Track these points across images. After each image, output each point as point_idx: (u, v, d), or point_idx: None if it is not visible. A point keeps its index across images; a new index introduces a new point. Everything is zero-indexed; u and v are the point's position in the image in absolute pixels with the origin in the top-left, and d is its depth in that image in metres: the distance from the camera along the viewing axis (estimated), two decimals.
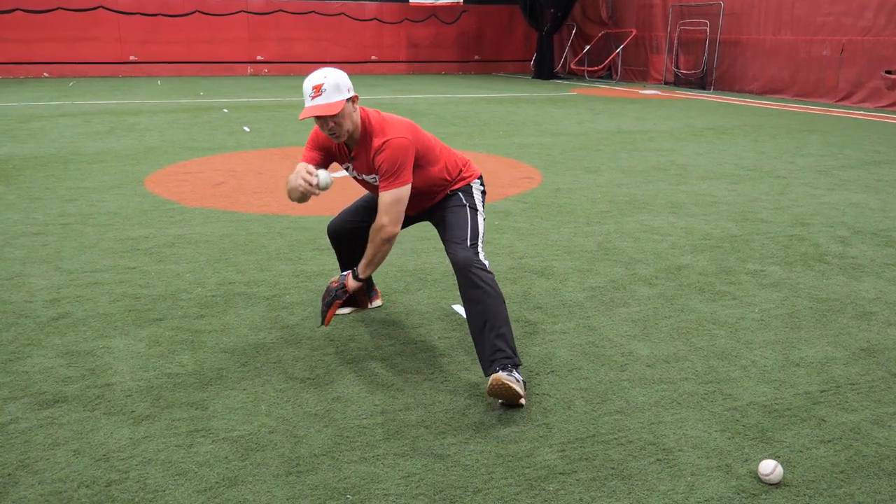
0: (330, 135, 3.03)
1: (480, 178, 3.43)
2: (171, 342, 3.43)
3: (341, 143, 3.18)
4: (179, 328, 3.59)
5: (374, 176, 3.17)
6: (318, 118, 2.99)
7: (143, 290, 4.12)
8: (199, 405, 2.85)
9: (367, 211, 3.49)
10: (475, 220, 3.21)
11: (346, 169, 3.31)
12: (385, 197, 3.02)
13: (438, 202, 3.32)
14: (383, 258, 3.12)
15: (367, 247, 3.11)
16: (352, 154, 3.17)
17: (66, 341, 3.42)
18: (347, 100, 2.97)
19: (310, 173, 3.05)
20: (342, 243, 3.60)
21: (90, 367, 3.16)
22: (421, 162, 3.15)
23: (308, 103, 2.96)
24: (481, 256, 3.07)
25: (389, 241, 3.05)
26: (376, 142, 3.05)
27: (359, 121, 3.07)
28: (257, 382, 3.05)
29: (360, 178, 3.28)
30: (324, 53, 25.85)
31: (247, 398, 2.91)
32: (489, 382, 2.78)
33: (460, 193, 3.30)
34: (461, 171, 3.35)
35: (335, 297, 3.18)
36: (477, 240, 3.14)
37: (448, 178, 3.29)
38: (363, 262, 3.12)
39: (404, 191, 3.04)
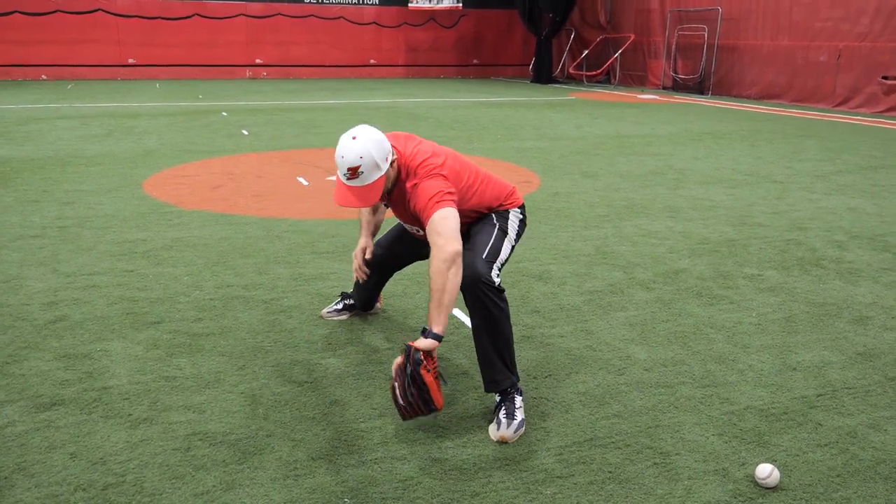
0: None
1: (522, 206, 3.14)
2: (168, 345, 3.43)
3: None
4: (177, 331, 3.59)
5: (410, 223, 3.03)
6: None
7: (140, 293, 4.12)
8: (196, 408, 2.85)
9: (395, 243, 3.39)
10: (500, 241, 2.93)
11: (385, 204, 3.16)
12: (429, 225, 2.68)
13: (471, 223, 3.06)
14: (453, 292, 2.58)
15: (430, 290, 2.60)
16: (387, 201, 3.00)
17: (63, 344, 3.42)
18: (388, 167, 2.75)
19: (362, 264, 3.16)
20: (373, 273, 3.48)
21: (87, 371, 3.16)
22: (461, 196, 2.88)
23: (343, 181, 2.77)
24: (493, 274, 2.79)
25: (454, 261, 2.58)
26: (409, 183, 2.81)
27: (395, 172, 2.83)
28: (255, 386, 3.05)
29: (396, 208, 3.04)
30: (323, 57, 25.89)
31: (244, 401, 2.91)
32: (496, 439, 2.66)
33: (493, 215, 3.04)
34: (502, 203, 3.07)
35: (416, 368, 2.52)
36: (495, 258, 2.86)
37: (493, 204, 3.04)
38: (431, 307, 2.59)
39: (446, 212, 2.68)
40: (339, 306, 3.82)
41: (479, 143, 10.32)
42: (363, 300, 3.76)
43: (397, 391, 2.56)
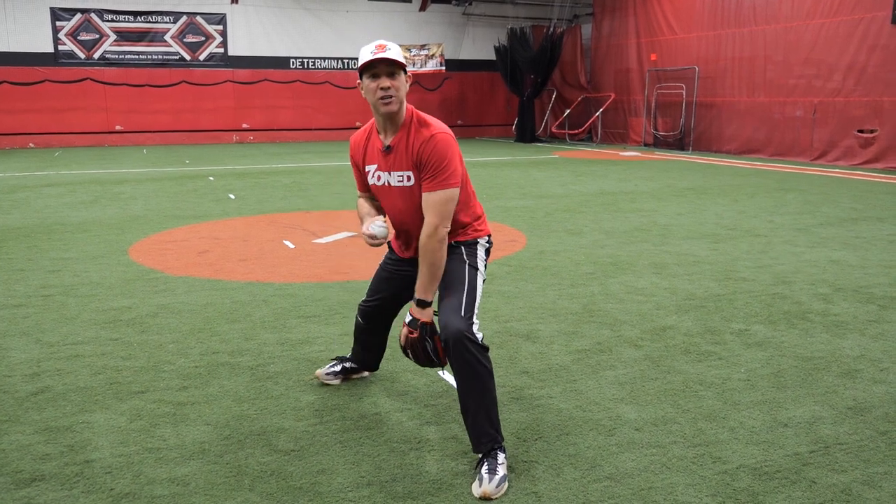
0: (381, 99, 2.84)
1: (489, 236, 3.18)
2: (152, 415, 3.37)
3: (374, 137, 3.02)
4: (161, 401, 3.54)
5: (403, 174, 2.94)
6: (376, 76, 2.83)
7: (124, 362, 4.07)
8: (180, 481, 2.79)
9: (387, 282, 3.37)
10: (473, 282, 2.96)
11: (369, 173, 3.10)
12: (434, 196, 2.84)
13: None
14: (442, 264, 2.88)
15: (421, 265, 2.86)
16: (389, 144, 2.96)
17: (44, 417, 3.36)
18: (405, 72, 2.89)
19: (369, 234, 3.03)
20: (376, 320, 3.49)
21: (69, 444, 3.09)
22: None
23: (368, 56, 2.82)
24: (475, 328, 2.85)
25: (445, 240, 2.86)
26: (425, 132, 2.89)
27: (405, 106, 2.94)
28: (240, 456, 2.99)
29: (382, 183, 3.04)
30: (309, 120, 26.23)
31: (229, 472, 2.85)
32: (478, 495, 2.67)
33: (463, 248, 3.05)
34: (480, 220, 3.14)
35: (427, 340, 2.90)
36: (473, 308, 2.89)
37: (465, 221, 3.06)
38: (423, 281, 2.86)
39: (454, 193, 2.86)
40: (337, 369, 3.75)
41: None
42: (369, 360, 3.71)
43: (411, 356, 2.99)
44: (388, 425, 3.27)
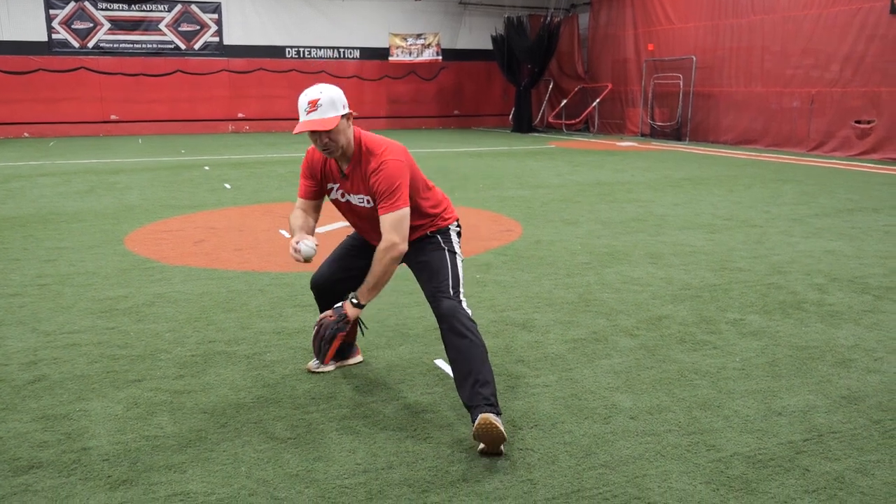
0: (324, 150, 3.06)
1: (457, 220, 3.45)
2: (149, 404, 3.38)
3: (332, 162, 3.22)
4: (158, 389, 3.54)
5: (363, 197, 3.18)
6: (313, 133, 3.02)
7: (121, 350, 4.07)
8: (177, 468, 2.80)
9: (348, 259, 3.52)
10: (454, 264, 3.22)
11: (330, 191, 3.32)
12: (390, 217, 3.04)
13: (415, 241, 3.28)
14: (388, 280, 3.09)
15: (371, 271, 3.05)
16: (345, 172, 3.19)
17: (42, 405, 3.36)
18: (343, 116, 3.04)
19: (296, 248, 3.19)
20: (327, 296, 3.58)
21: (66, 432, 3.10)
22: (411, 191, 3.17)
23: (303, 118, 3.00)
24: (464, 305, 3.10)
25: (398, 260, 3.06)
26: (374, 162, 3.08)
27: (352, 137, 3.12)
28: (237, 443, 3.00)
29: (344, 200, 3.28)
30: None
31: (226, 460, 2.87)
32: (478, 422, 2.80)
33: (438, 236, 3.31)
34: (445, 209, 3.39)
35: (337, 330, 3.10)
36: (458, 286, 3.15)
37: (432, 213, 3.31)
38: (367, 286, 3.07)
39: (406, 212, 3.07)
40: None
41: (461, 193, 10.40)
42: (343, 346, 3.75)
43: (315, 335, 3.13)
44: (384, 413, 3.28)
